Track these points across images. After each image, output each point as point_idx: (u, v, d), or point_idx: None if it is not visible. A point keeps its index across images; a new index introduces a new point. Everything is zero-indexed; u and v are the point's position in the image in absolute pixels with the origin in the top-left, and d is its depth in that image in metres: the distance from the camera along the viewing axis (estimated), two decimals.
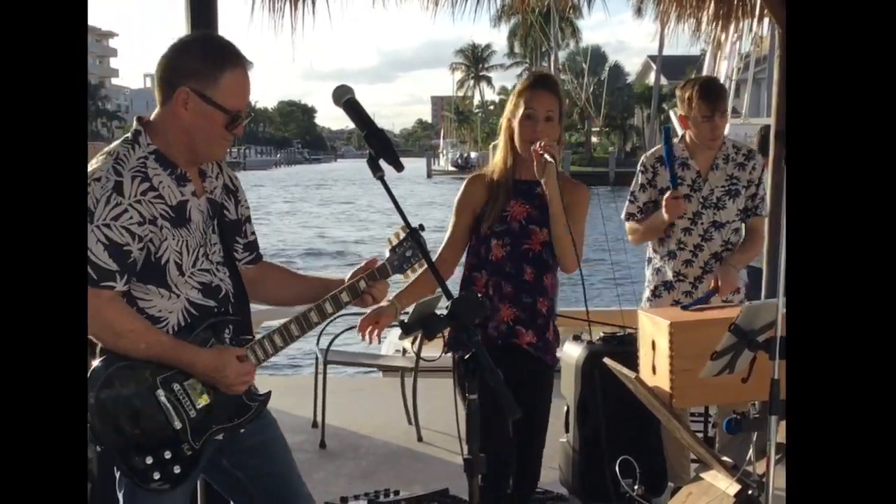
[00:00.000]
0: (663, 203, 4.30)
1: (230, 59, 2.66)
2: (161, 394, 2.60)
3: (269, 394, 2.88)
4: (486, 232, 3.66)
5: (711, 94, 4.38)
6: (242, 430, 2.80)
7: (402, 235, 2.94)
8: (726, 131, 4.67)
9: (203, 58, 2.62)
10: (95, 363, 2.56)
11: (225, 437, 2.74)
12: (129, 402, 2.56)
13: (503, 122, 3.75)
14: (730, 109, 5.46)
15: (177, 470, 2.61)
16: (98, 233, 2.49)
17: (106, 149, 2.64)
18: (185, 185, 2.68)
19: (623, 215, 4.65)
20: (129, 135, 2.66)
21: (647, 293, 4.65)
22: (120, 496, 2.67)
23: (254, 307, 2.93)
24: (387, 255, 2.96)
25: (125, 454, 2.56)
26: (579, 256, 3.64)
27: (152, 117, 2.70)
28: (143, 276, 2.59)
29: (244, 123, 2.73)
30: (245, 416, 2.79)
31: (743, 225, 4.57)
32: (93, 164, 2.57)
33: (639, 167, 4.63)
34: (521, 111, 3.64)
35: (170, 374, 2.62)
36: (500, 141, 3.75)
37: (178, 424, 2.61)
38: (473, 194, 3.74)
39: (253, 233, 3.03)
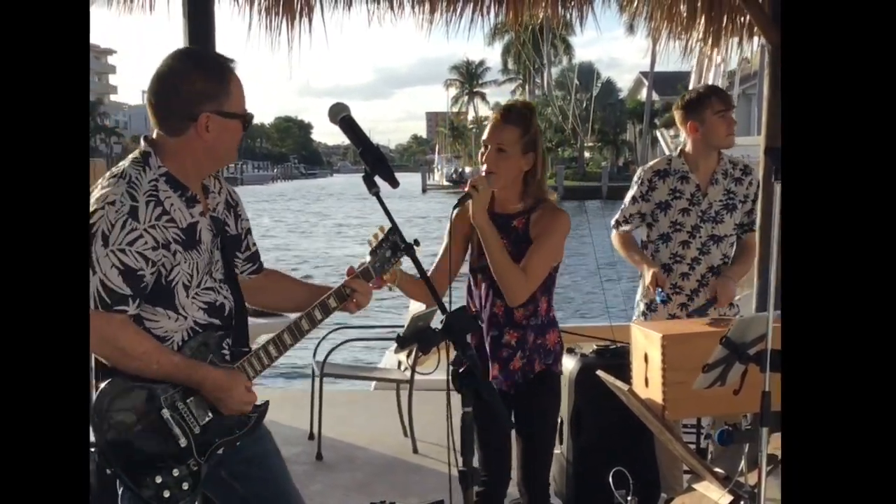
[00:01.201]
0: (651, 276, 4.34)
1: (228, 68, 2.67)
2: (166, 413, 2.60)
3: (266, 404, 2.88)
4: (473, 265, 3.68)
5: (719, 92, 4.51)
6: (239, 443, 2.79)
7: (381, 236, 2.92)
8: None
9: (208, 78, 2.62)
10: (102, 385, 2.55)
11: (225, 451, 2.74)
12: (136, 424, 2.56)
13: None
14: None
15: (185, 486, 2.61)
16: (113, 257, 2.48)
17: (115, 170, 2.62)
18: (193, 207, 2.68)
19: (612, 221, 4.67)
20: (137, 155, 2.63)
21: (641, 307, 4.64)
22: None
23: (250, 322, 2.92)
24: (368, 258, 2.93)
25: (135, 475, 2.55)
26: (523, 291, 3.53)
27: (157, 138, 2.67)
28: (152, 298, 2.59)
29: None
30: (245, 428, 2.79)
31: (737, 240, 4.58)
32: (104, 187, 2.55)
33: (635, 178, 4.65)
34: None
35: (173, 393, 2.62)
36: None
37: (183, 442, 2.61)
38: (462, 225, 3.62)
39: (254, 244, 3.02)
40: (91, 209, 2.49)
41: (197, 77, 2.62)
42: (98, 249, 2.47)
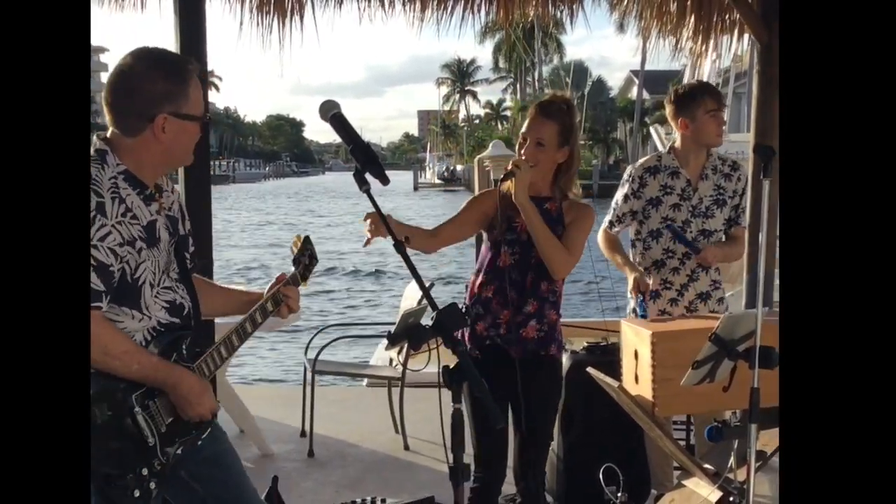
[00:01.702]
0: (637, 283, 4.37)
1: (188, 70, 2.66)
2: (138, 412, 2.58)
3: (218, 404, 2.88)
4: (498, 238, 3.78)
5: (712, 91, 4.52)
6: (200, 443, 2.79)
7: (300, 245, 3.10)
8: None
9: (167, 80, 2.60)
10: None
11: (183, 451, 2.73)
12: (110, 423, 2.53)
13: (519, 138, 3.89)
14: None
15: (152, 486, 2.60)
16: None
17: None
18: (150, 205, 2.67)
19: (605, 223, 4.66)
20: (93, 154, 2.60)
21: (632, 304, 4.65)
22: None
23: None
24: (293, 267, 3.10)
25: (107, 474, 2.52)
26: (567, 265, 3.74)
27: (112, 136, 2.65)
28: (118, 297, 2.56)
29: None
30: (202, 427, 2.78)
31: (732, 230, 4.60)
32: None
33: (625, 176, 4.65)
34: (523, 132, 3.79)
35: (142, 392, 2.60)
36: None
37: (151, 441, 2.60)
38: (484, 200, 3.91)
39: (193, 244, 3.00)
40: None
41: (157, 77, 2.60)
42: None
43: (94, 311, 2.47)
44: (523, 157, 3.73)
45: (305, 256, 3.10)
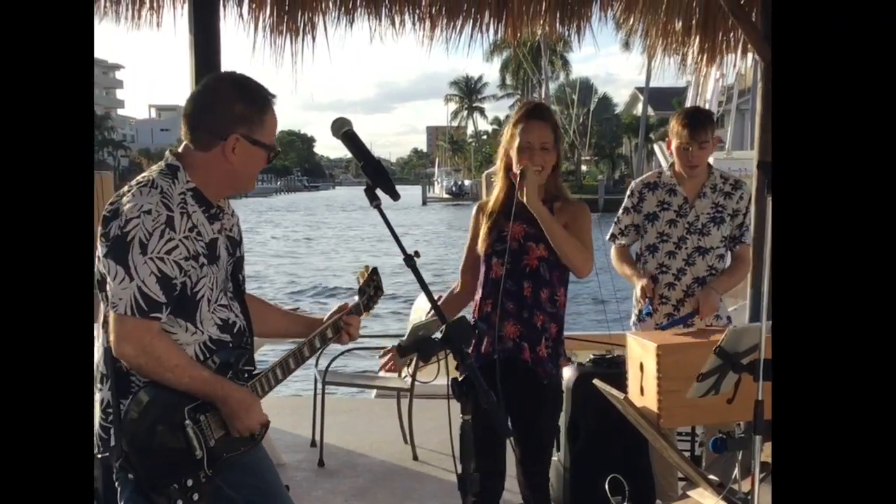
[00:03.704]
0: (640, 289, 4.39)
1: (268, 101, 2.70)
2: (188, 424, 2.60)
3: (268, 422, 2.89)
4: (487, 252, 3.73)
5: (691, 123, 4.38)
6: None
7: (366, 275, 3.17)
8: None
9: (247, 104, 2.65)
10: (132, 396, 2.55)
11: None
12: (162, 433, 2.56)
13: (500, 151, 3.82)
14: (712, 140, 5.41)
15: (195, 497, 2.61)
16: (151, 265, 2.48)
17: (142, 179, 2.62)
18: (214, 223, 2.70)
19: (608, 236, 4.67)
20: (164, 167, 2.65)
21: (633, 316, 4.67)
22: None
23: None
24: (357, 297, 3.15)
25: (155, 482, 2.54)
26: (589, 262, 3.72)
27: (184, 152, 2.69)
28: (176, 309, 2.59)
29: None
30: (251, 444, 2.79)
31: (729, 253, 4.59)
32: (135, 195, 2.55)
33: (628, 191, 4.67)
34: (517, 142, 3.70)
35: (195, 405, 2.62)
36: (499, 170, 3.83)
37: (199, 454, 2.61)
38: (478, 220, 3.85)
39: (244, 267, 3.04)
40: (126, 217, 2.50)
41: (236, 101, 2.64)
42: (136, 257, 2.47)
43: (153, 321, 2.51)
44: (530, 166, 3.66)
45: (371, 288, 3.17)
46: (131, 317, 2.49)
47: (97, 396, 2.65)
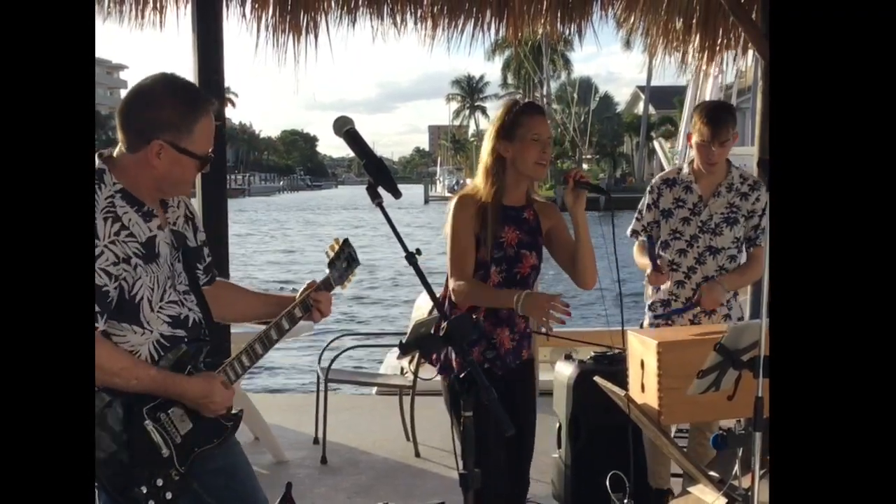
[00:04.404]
0: (649, 275, 4.41)
1: (202, 108, 2.62)
2: (149, 424, 2.56)
3: (241, 412, 2.87)
4: (486, 259, 3.61)
5: (713, 121, 4.31)
6: (214, 453, 2.76)
7: (337, 248, 3.01)
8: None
9: (176, 110, 2.57)
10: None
11: (200, 461, 2.71)
12: (120, 436, 2.52)
13: (489, 146, 3.66)
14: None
15: (168, 496, 2.58)
16: None
17: None
18: (150, 221, 2.65)
19: (628, 231, 4.64)
20: None
21: (647, 308, 4.70)
22: None
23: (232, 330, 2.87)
24: (327, 270, 3.00)
25: (121, 487, 2.51)
26: (596, 272, 3.70)
27: (115, 154, 2.64)
28: (117, 314, 2.55)
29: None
30: (223, 436, 2.77)
31: (743, 254, 4.56)
32: None
33: (648, 188, 4.65)
34: (526, 135, 3.58)
35: (154, 404, 2.59)
36: (484, 165, 3.68)
37: (165, 452, 2.58)
38: (469, 216, 3.63)
39: (209, 255, 2.99)
40: None
41: (166, 106, 2.57)
42: None
43: None
44: (546, 160, 3.62)
45: (342, 260, 3.00)
46: None
47: None
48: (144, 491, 2.54)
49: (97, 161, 2.60)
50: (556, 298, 3.42)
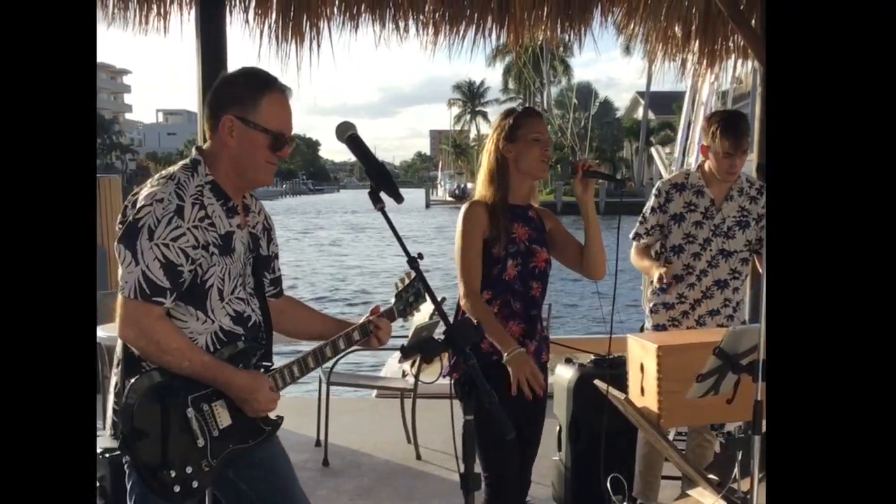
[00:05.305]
0: (657, 275, 4.32)
1: (268, 84, 2.70)
2: (191, 412, 2.60)
3: (281, 419, 2.90)
4: (501, 253, 3.62)
5: (734, 132, 4.30)
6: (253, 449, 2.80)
7: (407, 282, 3.08)
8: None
9: (244, 86, 2.68)
10: (132, 380, 2.55)
11: (236, 454, 2.74)
12: (162, 418, 2.56)
13: (491, 147, 3.69)
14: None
15: (195, 485, 2.61)
16: (157, 251, 2.50)
17: (165, 172, 2.66)
18: (233, 217, 2.72)
19: (631, 235, 4.63)
20: (188, 161, 2.69)
21: (647, 311, 4.69)
22: (130, 503, 2.66)
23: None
24: (392, 300, 3.08)
25: (151, 466, 2.55)
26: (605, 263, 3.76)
27: (206, 147, 2.74)
28: (186, 297, 2.60)
29: (290, 146, 2.76)
30: (259, 438, 2.80)
31: (755, 256, 4.55)
32: (153, 185, 2.60)
33: (653, 191, 4.62)
34: (528, 135, 3.63)
35: (200, 394, 2.62)
36: (488, 168, 3.70)
37: (201, 442, 2.61)
38: (480, 220, 3.64)
39: (279, 269, 3.07)
40: (139, 205, 2.54)
41: (235, 84, 2.69)
42: (143, 242, 2.50)
43: (154, 305, 2.53)
44: (548, 159, 3.68)
45: (410, 294, 3.09)
46: (134, 300, 2.50)
47: (112, 380, 2.67)
48: (173, 475, 2.57)
49: (195, 152, 2.72)
50: (539, 374, 3.49)
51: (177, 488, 2.57)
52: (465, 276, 3.61)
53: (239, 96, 2.66)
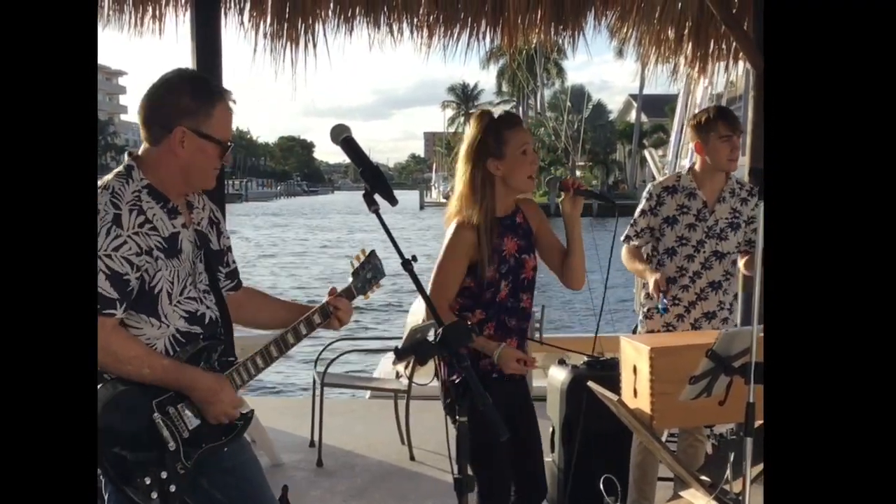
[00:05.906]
0: (652, 283, 4.31)
1: (218, 94, 2.69)
2: (157, 417, 2.58)
3: (252, 412, 2.88)
4: (495, 276, 3.53)
5: (728, 116, 4.40)
6: (226, 449, 2.77)
7: (363, 258, 3.02)
8: None
9: (194, 96, 2.64)
10: (102, 390, 2.53)
11: (208, 456, 2.71)
12: (128, 426, 2.54)
13: (474, 161, 3.54)
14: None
15: (172, 489, 2.59)
16: (100, 263, 2.48)
17: (100, 182, 2.61)
18: (175, 218, 2.69)
19: (622, 237, 4.62)
20: (121, 169, 2.66)
21: (640, 315, 4.67)
22: None
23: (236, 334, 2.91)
24: (350, 279, 3.00)
25: (125, 475, 2.53)
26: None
27: (142, 153, 2.70)
28: (136, 304, 2.58)
29: (230, 152, 2.75)
30: (231, 434, 2.77)
31: (739, 256, 4.56)
32: None
33: (644, 193, 4.61)
34: (516, 151, 3.50)
35: (164, 398, 2.60)
36: (471, 185, 3.55)
37: (172, 445, 2.60)
38: (467, 244, 3.51)
39: (234, 261, 3.02)
40: None
41: (184, 93, 2.64)
42: None
43: (106, 318, 2.50)
44: (534, 171, 3.56)
45: (367, 270, 3.02)
46: None
47: None
48: (148, 482, 2.55)
49: (127, 159, 2.68)
50: (526, 357, 3.52)
51: (154, 495, 2.55)
52: (438, 289, 3.51)
53: (190, 108, 2.63)
